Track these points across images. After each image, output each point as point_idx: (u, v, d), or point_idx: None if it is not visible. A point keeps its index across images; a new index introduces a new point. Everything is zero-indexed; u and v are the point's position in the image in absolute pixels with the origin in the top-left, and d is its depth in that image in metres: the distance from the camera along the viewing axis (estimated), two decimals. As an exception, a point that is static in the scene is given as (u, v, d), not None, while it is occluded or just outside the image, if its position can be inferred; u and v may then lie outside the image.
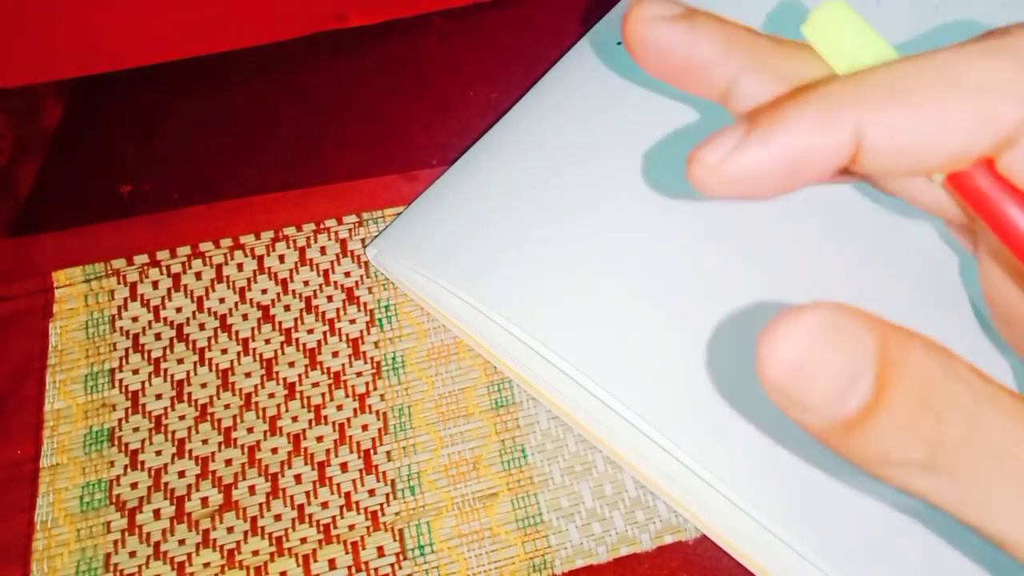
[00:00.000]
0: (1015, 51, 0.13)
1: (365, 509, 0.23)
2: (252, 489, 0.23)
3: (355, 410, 0.24)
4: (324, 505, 0.23)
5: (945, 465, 0.11)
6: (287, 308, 0.26)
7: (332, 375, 0.25)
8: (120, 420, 0.24)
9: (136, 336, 0.25)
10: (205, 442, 0.24)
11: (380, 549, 0.22)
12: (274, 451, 0.24)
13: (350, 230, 0.27)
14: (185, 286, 0.26)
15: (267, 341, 0.25)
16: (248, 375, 0.25)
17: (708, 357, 0.22)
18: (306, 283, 0.26)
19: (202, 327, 0.25)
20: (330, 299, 0.26)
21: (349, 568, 0.22)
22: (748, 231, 0.24)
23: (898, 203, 0.17)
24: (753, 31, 0.16)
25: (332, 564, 0.22)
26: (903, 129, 0.13)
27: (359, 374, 0.25)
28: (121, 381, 0.24)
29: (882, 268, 0.23)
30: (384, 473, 0.23)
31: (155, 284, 0.26)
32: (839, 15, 0.15)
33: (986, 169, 0.14)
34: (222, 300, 0.26)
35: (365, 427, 0.24)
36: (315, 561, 0.22)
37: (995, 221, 0.14)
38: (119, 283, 0.26)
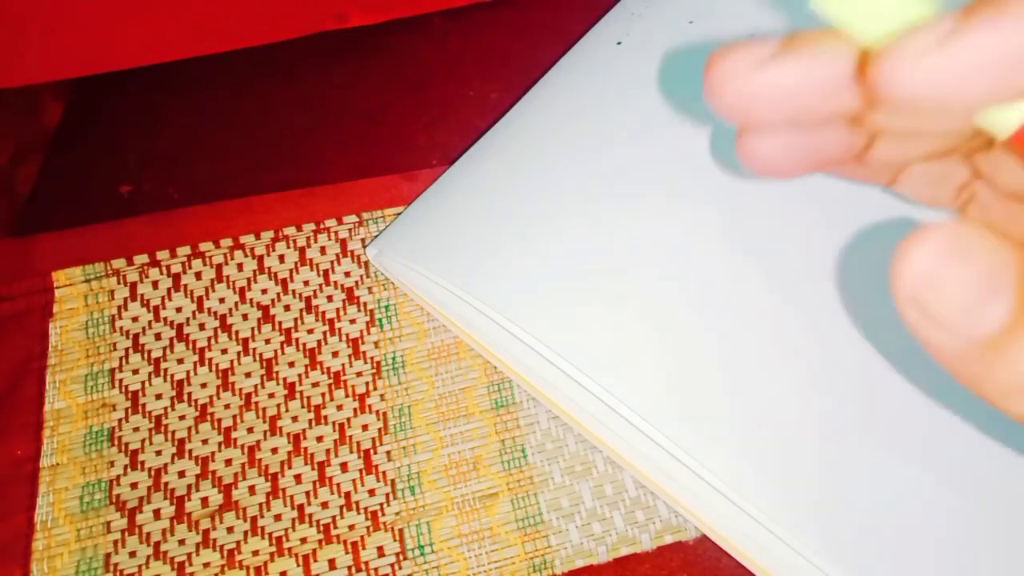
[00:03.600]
0: None
1: (365, 509, 0.23)
2: (252, 489, 0.23)
3: (355, 410, 0.24)
4: (324, 505, 0.23)
5: None
6: (287, 308, 0.26)
7: (332, 375, 0.25)
8: (120, 420, 0.24)
9: (136, 336, 0.25)
10: (205, 442, 0.24)
11: (380, 549, 0.22)
12: (274, 451, 0.24)
13: (350, 230, 0.27)
14: (185, 286, 0.26)
15: (267, 341, 0.25)
16: (248, 375, 0.25)
17: (709, 357, 0.22)
18: (306, 283, 0.26)
19: (202, 327, 0.25)
20: (330, 299, 0.26)
21: (349, 568, 0.22)
22: (749, 229, 0.24)
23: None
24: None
25: (332, 564, 0.22)
26: None
27: (359, 374, 0.25)
28: (121, 381, 0.24)
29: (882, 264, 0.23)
30: (384, 473, 0.23)
31: (155, 284, 0.26)
32: None
33: None
34: (222, 300, 0.26)
35: (365, 427, 0.24)
36: (315, 561, 0.22)
37: None
38: (119, 283, 0.26)
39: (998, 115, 0.12)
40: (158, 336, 0.25)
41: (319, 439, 0.24)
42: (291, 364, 0.25)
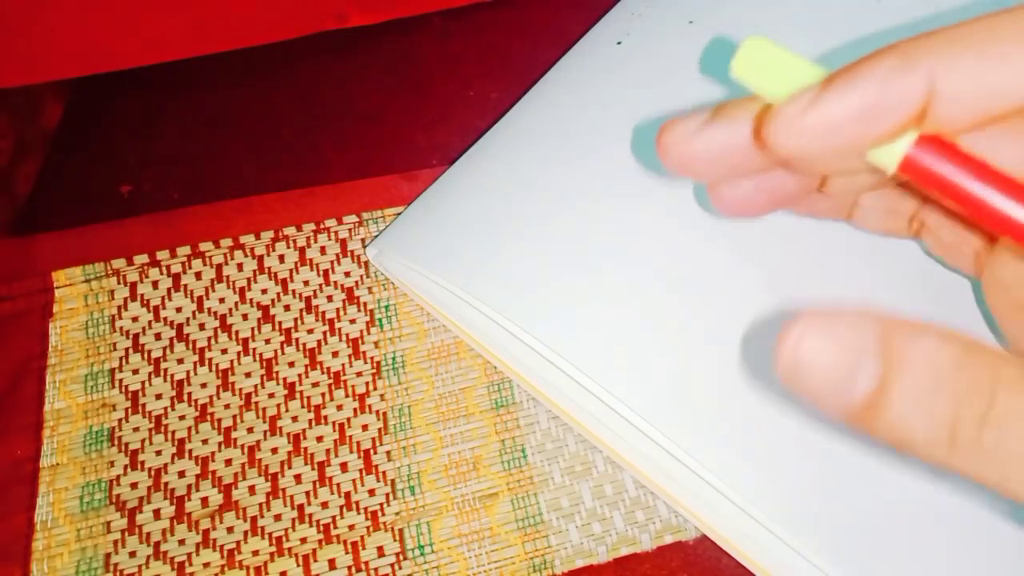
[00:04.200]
0: None
1: (365, 509, 0.23)
2: (252, 489, 0.23)
3: (355, 410, 0.24)
4: (324, 505, 0.23)
5: (969, 443, 0.12)
6: (287, 308, 0.26)
7: (332, 375, 0.25)
8: (120, 420, 0.24)
9: (136, 336, 0.25)
10: (205, 442, 0.24)
11: (380, 549, 0.22)
12: (274, 451, 0.24)
13: (350, 230, 0.27)
14: (185, 286, 0.26)
15: (267, 341, 0.25)
16: (248, 375, 0.25)
17: (709, 356, 0.22)
18: (306, 283, 0.26)
19: (202, 327, 0.25)
20: (330, 299, 0.26)
21: (349, 568, 0.22)
22: (750, 230, 0.24)
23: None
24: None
25: (332, 564, 0.22)
26: (977, 75, 0.13)
27: (359, 374, 0.25)
28: (121, 381, 0.24)
29: (886, 268, 0.23)
30: (384, 473, 0.23)
31: (155, 284, 0.26)
32: (764, 50, 0.15)
33: (937, 147, 0.14)
34: (222, 300, 0.26)
35: (365, 427, 0.24)
36: (315, 561, 0.22)
37: (962, 194, 0.14)
38: (119, 283, 0.26)
39: (880, 154, 0.14)
40: (158, 336, 0.25)
41: (319, 439, 0.24)
42: (291, 364, 0.25)
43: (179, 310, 0.25)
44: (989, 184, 0.13)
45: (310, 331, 0.25)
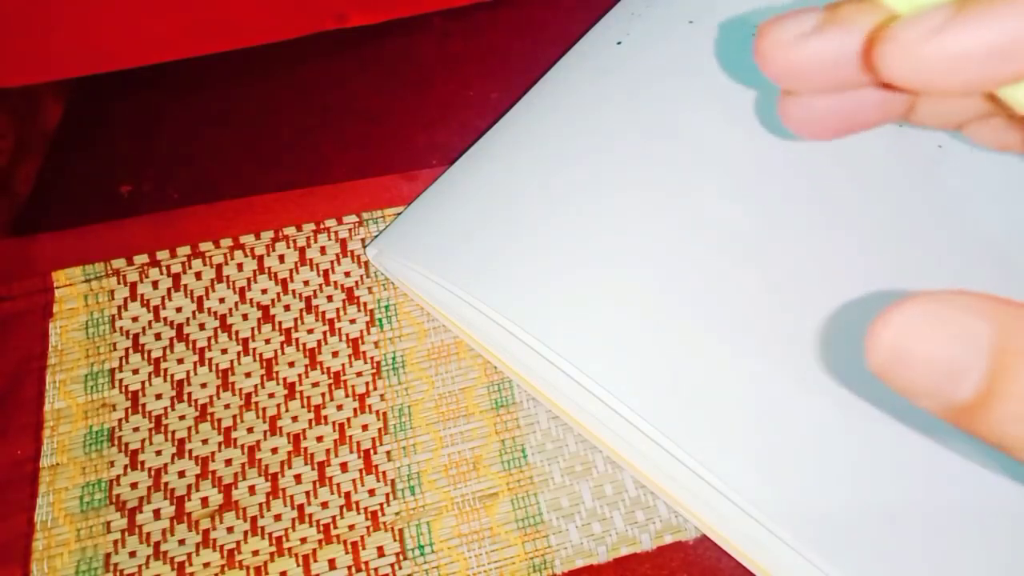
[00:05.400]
0: None
1: (365, 509, 0.23)
2: (252, 489, 0.23)
3: (355, 410, 0.24)
4: (324, 505, 0.23)
5: None
6: (287, 308, 0.26)
7: (332, 375, 0.25)
8: (120, 420, 0.24)
9: (136, 336, 0.25)
10: (205, 442, 0.24)
11: (380, 549, 0.22)
12: (274, 451, 0.24)
13: (350, 230, 0.27)
14: (185, 286, 0.26)
15: (267, 341, 0.25)
16: (248, 375, 0.25)
17: (709, 356, 0.22)
18: (306, 283, 0.26)
19: (202, 327, 0.25)
20: (330, 299, 0.26)
21: (349, 568, 0.22)
22: (750, 230, 0.24)
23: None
24: None
25: (332, 564, 0.22)
26: None
27: (359, 374, 0.25)
28: (121, 381, 0.24)
29: (884, 270, 0.23)
30: (384, 473, 0.23)
31: (155, 284, 0.26)
32: None
33: None
34: (222, 300, 0.26)
35: (365, 427, 0.24)
36: (315, 561, 0.22)
37: None
38: (119, 283, 0.26)
39: (1014, 92, 0.12)
40: (158, 336, 0.25)
41: (319, 439, 0.24)
42: (291, 364, 0.25)
43: (179, 310, 0.25)
44: None
45: (310, 331, 0.25)
